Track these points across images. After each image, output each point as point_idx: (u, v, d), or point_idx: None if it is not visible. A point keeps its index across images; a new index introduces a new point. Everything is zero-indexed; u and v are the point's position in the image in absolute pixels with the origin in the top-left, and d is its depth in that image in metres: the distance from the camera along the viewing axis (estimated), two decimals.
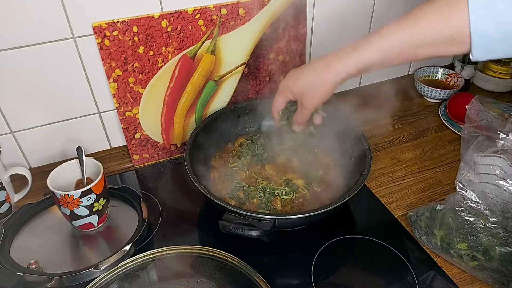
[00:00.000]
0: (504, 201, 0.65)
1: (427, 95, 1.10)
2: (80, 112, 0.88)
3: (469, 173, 0.67)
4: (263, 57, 0.94)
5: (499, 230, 0.64)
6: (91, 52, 0.81)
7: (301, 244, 0.73)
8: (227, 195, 0.77)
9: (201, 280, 0.66)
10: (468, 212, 0.67)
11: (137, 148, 0.91)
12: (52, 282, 0.64)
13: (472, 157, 0.68)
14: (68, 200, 0.68)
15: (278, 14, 0.90)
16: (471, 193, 0.66)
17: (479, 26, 0.47)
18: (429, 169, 0.90)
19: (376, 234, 0.74)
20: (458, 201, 0.68)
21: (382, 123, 1.03)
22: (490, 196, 0.65)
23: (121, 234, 0.75)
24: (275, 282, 0.65)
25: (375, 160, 0.90)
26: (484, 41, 0.48)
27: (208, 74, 0.90)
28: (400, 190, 0.84)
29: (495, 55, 0.50)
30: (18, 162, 0.89)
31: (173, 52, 0.84)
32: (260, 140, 0.88)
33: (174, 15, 0.81)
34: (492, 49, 0.49)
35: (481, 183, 0.66)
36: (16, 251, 0.71)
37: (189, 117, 0.92)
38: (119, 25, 0.78)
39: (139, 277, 0.67)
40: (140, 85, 0.85)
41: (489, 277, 0.65)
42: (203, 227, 0.78)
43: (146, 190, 0.85)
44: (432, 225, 0.71)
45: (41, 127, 0.87)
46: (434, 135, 1.00)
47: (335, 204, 0.66)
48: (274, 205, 0.74)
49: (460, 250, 0.67)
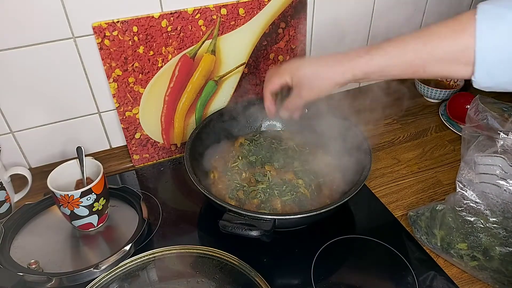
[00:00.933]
0: (504, 201, 0.65)
1: (427, 95, 1.10)
2: (80, 112, 0.88)
3: (469, 173, 0.67)
4: (263, 57, 0.94)
5: (499, 230, 0.64)
6: (91, 52, 0.81)
7: (301, 244, 0.73)
8: (227, 195, 0.77)
9: (201, 280, 0.66)
10: (468, 212, 0.67)
11: (137, 148, 0.91)
12: (52, 282, 0.64)
13: (472, 157, 0.68)
14: (68, 200, 0.68)
15: (278, 14, 0.90)
16: (471, 193, 0.66)
17: (484, 47, 0.48)
18: (429, 169, 0.90)
19: (376, 234, 0.74)
20: (458, 201, 0.68)
21: (382, 123, 1.03)
22: (490, 196, 0.65)
23: (121, 234, 0.75)
24: (275, 282, 0.65)
25: (375, 160, 0.90)
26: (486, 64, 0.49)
27: (208, 74, 0.90)
28: (400, 190, 0.84)
29: (497, 81, 0.50)
30: (18, 162, 0.89)
31: (173, 52, 0.84)
32: (260, 140, 0.88)
33: (174, 15, 0.81)
34: (494, 74, 0.49)
35: (482, 183, 0.67)
36: (16, 251, 0.71)
37: (189, 117, 0.92)
38: (119, 25, 0.78)
39: (139, 277, 0.67)
40: (140, 85, 0.85)
41: (489, 277, 0.65)
42: (203, 227, 0.78)
43: (146, 190, 0.85)
44: (432, 225, 0.71)
45: (41, 127, 0.87)
46: (434, 135, 1.00)
47: (335, 204, 0.66)
48: (274, 205, 0.74)
49: (460, 250, 0.67)
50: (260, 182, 0.78)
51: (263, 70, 0.96)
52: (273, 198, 0.75)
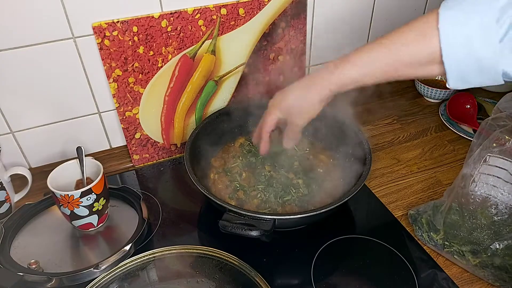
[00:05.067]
0: (510, 197, 0.65)
1: (427, 95, 1.10)
2: (80, 112, 0.88)
3: (476, 168, 0.67)
4: (263, 57, 0.94)
5: (503, 227, 0.64)
6: (91, 52, 0.81)
7: (301, 244, 0.73)
8: (227, 195, 0.77)
9: (201, 280, 0.66)
10: (472, 209, 0.66)
11: (137, 148, 0.91)
12: (52, 282, 0.64)
13: (481, 153, 0.67)
14: (68, 200, 0.68)
15: (278, 14, 0.90)
16: (476, 189, 0.66)
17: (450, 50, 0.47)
18: (429, 169, 0.90)
19: (376, 234, 0.74)
20: (462, 197, 0.67)
21: (382, 123, 1.03)
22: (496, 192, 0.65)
23: (121, 234, 0.75)
24: (275, 282, 0.65)
25: (375, 160, 0.90)
26: (456, 67, 0.48)
27: (208, 74, 0.90)
28: (400, 190, 0.84)
29: (471, 83, 0.49)
30: (18, 162, 0.89)
31: (173, 52, 0.84)
32: None
33: (174, 15, 0.81)
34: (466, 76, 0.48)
35: (488, 179, 0.66)
36: (16, 251, 0.71)
37: (189, 117, 0.92)
38: (119, 25, 0.78)
39: (139, 277, 0.67)
40: (140, 85, 0.85)
41: (490, 274, 0.65)
42: (203, 227, 0.78)
43: (146, 190, 0.85)
44: (434, 222, 0.71)
45: (41, 127, 0.87)
46: (434, 135, 1.00)
47: (335, 204, 0.66)
48: (274, 205, 0.74)
49: (462, 247, 0.67)
50: (260, 182, 0.78)
51: (263, 70, 0.96)
52: (273, 198, 0.75)
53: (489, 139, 0.66)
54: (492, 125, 0.67)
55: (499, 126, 0.66)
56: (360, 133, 0.80)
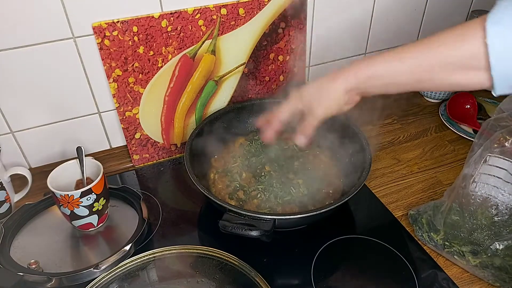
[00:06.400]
0: (510, 198, 0.65)
1: (427, 95, 1.10)
2: (80, 112, 0.88)
3: (476, 168, 0.67)
4: (263, 57, 0.94)
5: (503, 228, 0.64)
6: (91, 52, 0.81)
7: (301, 244, 0.73)
8: (227, 195, 0.77)
9: (201, 280, 0.66)
10: (473, 209, 0.66)
11: (137, 148, 0.91)
12: (52, 282, 0.64)
13: (482, 153, 0.67)
14: (68, 200, 0.68)
15: (278, 14, 0.90)
16: (477, 189, 0.66)
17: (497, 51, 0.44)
18: (429, 169, 0.90)
19: (376, 234, 0.74)
20: (462, 197, 0.67)
21: (382, 123, 1.03)
22: (497, 193, 0.65)
23: (121, 234, 0.75)
24: (275, 282, 0.65)
25: (375, 160, 0.90)
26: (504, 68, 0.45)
27: (208, 74, 0.90)
28: (400, 190, 0.84)
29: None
30: (18, 162, 0.89)
31: (173, 52, 0.84)
32: (260, 140, 0.88)
33: (174, 15, 0.81)
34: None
35: (488, 179, 0.66)
36: (16, 251, 0.71)
37: (189, 117, 0.92)
38: (119, 25, 0.78)
39: (139, 277, 0.67)
40: (140, 85, 0.85)
41: (490, 274, 0.65)
42: (203, 227, 0.78)
43: (146, 190, 0.85)
44: (435, 222, 0.71)
45: (41, 127, 0.87)
46: (434, 135, 1.00)
47: (335, 204, 0.66)
48: (274, 205, 0.74)
49: (463, 247, 0.67)
50: (260, 182, 0.78)
51: (263, 70, 0.96)
52: (273, 198, 0.75)
53: (491, 139, 0.66)
54: (494, 125, 0.66)
55: (501, 127, 0.65)
56: (360, 133, 0.80)
